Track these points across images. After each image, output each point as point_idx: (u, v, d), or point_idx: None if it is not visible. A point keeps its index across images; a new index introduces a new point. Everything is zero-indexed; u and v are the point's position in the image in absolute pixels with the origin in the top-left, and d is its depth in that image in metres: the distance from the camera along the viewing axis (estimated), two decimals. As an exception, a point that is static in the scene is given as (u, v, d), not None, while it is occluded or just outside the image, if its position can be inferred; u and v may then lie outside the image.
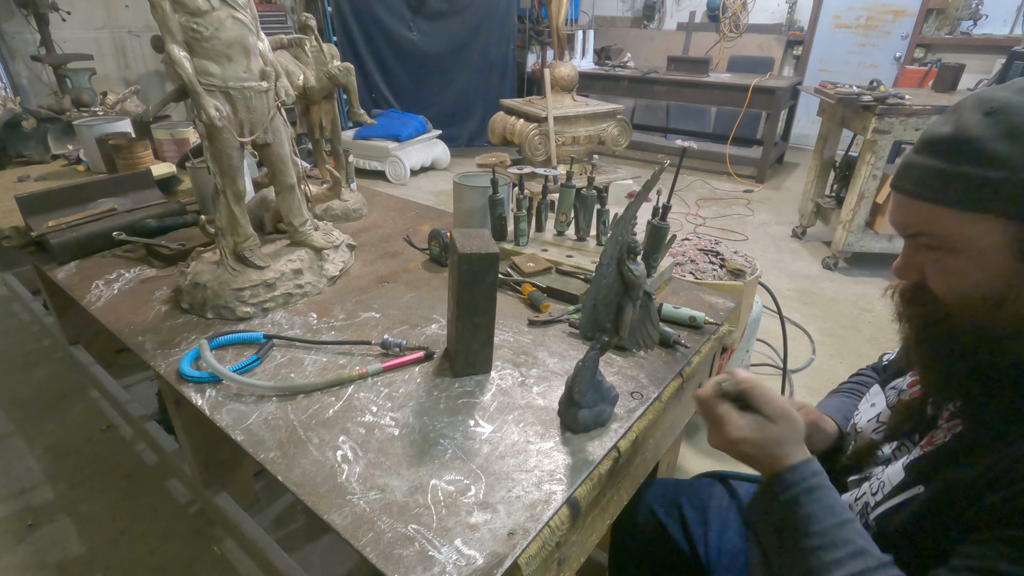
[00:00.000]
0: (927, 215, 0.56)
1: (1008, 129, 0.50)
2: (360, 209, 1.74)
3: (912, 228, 0.59)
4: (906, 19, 5.43)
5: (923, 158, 0.56)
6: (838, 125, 3.55)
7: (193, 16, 0.97)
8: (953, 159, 0.53)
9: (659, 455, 1.06)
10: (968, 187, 0.52)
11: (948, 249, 0.56)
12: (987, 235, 0.52)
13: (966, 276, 0.56)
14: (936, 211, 0.55)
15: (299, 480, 0.77)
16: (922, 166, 0.56)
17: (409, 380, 0.97)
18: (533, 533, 0.69)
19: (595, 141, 3.90)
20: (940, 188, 0.54)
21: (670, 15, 6.77)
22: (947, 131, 0.54)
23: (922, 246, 0.59)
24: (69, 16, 4.31)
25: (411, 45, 5.75)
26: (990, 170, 0.51)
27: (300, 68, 1.52)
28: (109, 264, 1.40)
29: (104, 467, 1.93)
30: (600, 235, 1.42)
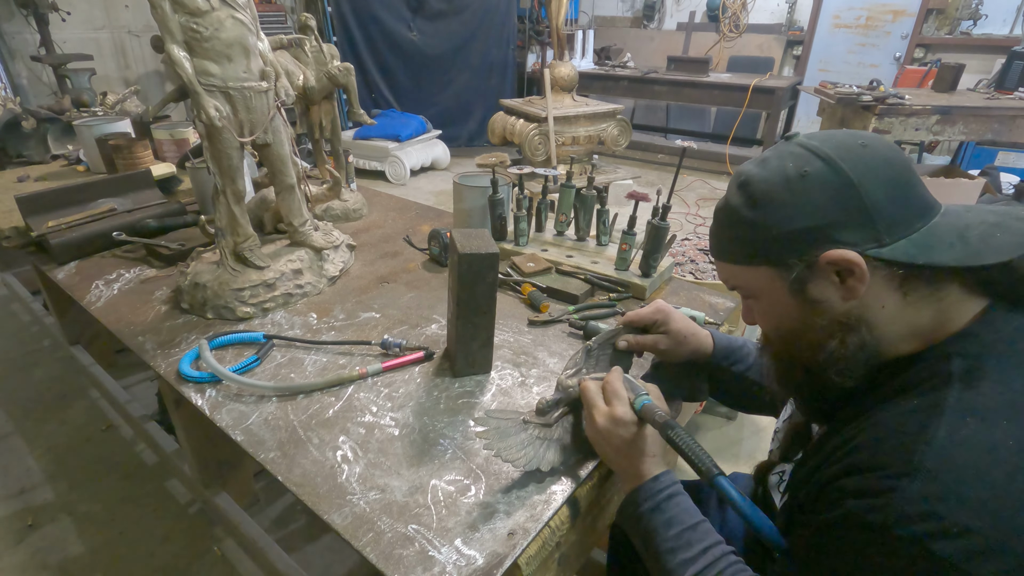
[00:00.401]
0: (730, 272, 0.67)
1: (750, 198, 0.61)
2: (360, 209, 1.74)
3: (729, 284, 0.69)
4: (906, 19, 5.43)
5: (713, 227, 0.68)
6: (838, 125, 3.55)
7: (193, 16, 0.97)
8: (726, 226, 0.65)
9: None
10: (739, 246, 0.63)
11: (753, 296, 0.66)
12: (766, 281, 0.62)
13: (772, 315, 0.66)
14: (731, 268, 0.66)
15: (299, 480, 0.77)
16: (713, 233, 0.68)
17: (409, 380, 0.97)
18: (533, 533, 0.69)
19: (595, 141, 3.90)
20: (726, 250, 0.66)
21: (670, 15, 6.77)
22: (720, 204, 0.66)
23: (742, 295, 0.69)
24: (69, 16, 4.30)
25: (411, 45, 5.74)
26: (746, 231, 0.61)
27: (300, 68, 1.52)
28: (109, 264, 1.40)
29: (104, 467, 1.93)
30: (600, 235, 1.42)
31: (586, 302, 1.22)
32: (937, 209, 0.58)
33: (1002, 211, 0.59)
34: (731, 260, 0.65)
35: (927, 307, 0.57)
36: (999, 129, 3.07)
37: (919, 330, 0.58)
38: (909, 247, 0.55)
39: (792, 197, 0.57)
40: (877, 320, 0.58)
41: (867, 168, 0.56)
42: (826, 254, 0.56)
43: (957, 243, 0.55)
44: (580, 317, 1.14)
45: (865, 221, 0.55)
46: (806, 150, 0.59)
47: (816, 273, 0.58)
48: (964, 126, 3.04)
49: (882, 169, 0.56)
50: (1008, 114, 3.01)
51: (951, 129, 3.06)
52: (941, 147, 4.35)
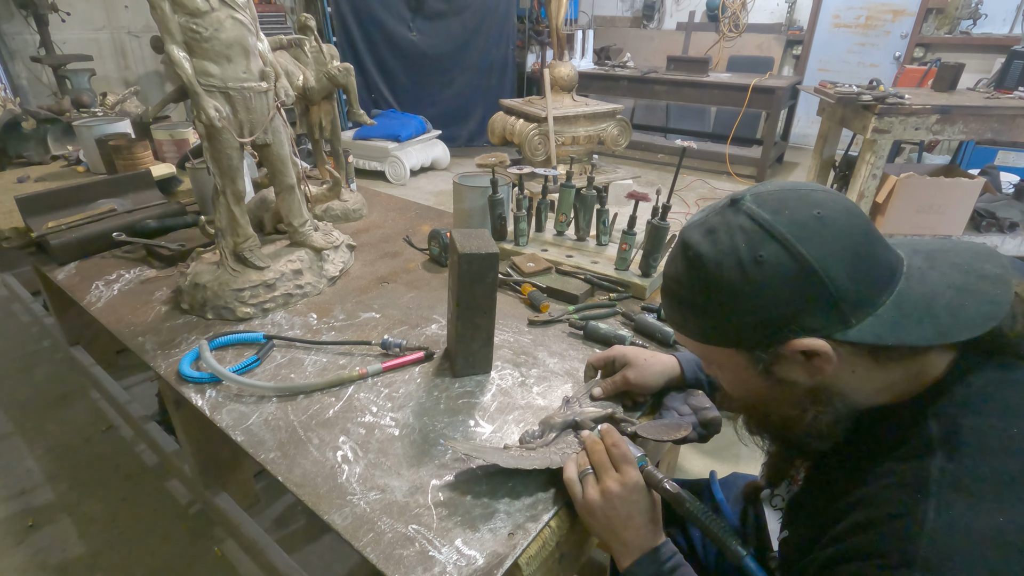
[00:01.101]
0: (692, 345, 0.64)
1: (702, 283, 0.56)
2: (360, 209, 1.74)
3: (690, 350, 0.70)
4: (906, 18, 5.43)
5: (665, 299, 0.64)
6: (838, 124, 3.55)
7: (193, 17, 0.97)
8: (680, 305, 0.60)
9: (659, 455, 1.06)
10: (696, 328, 0.60)
11: (719, 367, 0.64)
12: (732, 360, 0.60)
13: (738, 386, 0.64)
14: (692, 343, 0.63)
15: (299, 480, 0.77)
16: (667, 306, 0.64)
17: (409, 380, 0.97)
18: (533, 533, 0.69)
19: (595, 141, 3.90)
20: (681, 325, 0.62)
21: (670, 15, 6.77)
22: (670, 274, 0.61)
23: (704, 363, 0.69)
24: (69, 17, 4.30)
25: (411, 45, 5.74)
26: (702, 318, 0.58)
27: (300, 68, 1.52)
28: (109, 265, 1.40)
29: (104, 467, 1.93)
30: (600, 235, 1.42)
31: (586, 302, 1.22)
32: (900, 271, 0.55)
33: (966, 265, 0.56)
34: (689, 335, 0.62)
35: (898, 367, 0.55)
36: (999, 128, 3.07)
37: (892, 384, 0.56)
38: (877, 326, 0.52)
39: (750, 287, 0.53)
40: (848, 384, 0.57)
41: (826, 247, 0.52)
42: (791, 343, 0.54)
43: (926, 319, 0.52)
44: (580, 317, 1.14)
45: (829, 306, 0.52)
46: (758, 226, 0.53)
47: (782, 358, 0.56)
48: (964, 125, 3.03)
49: (841, 244, 0.52)
50: (1008, 113, 3.01)
51: (951, 128, 3.06)
52: (941, 146, 4.36)
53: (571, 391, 0.90)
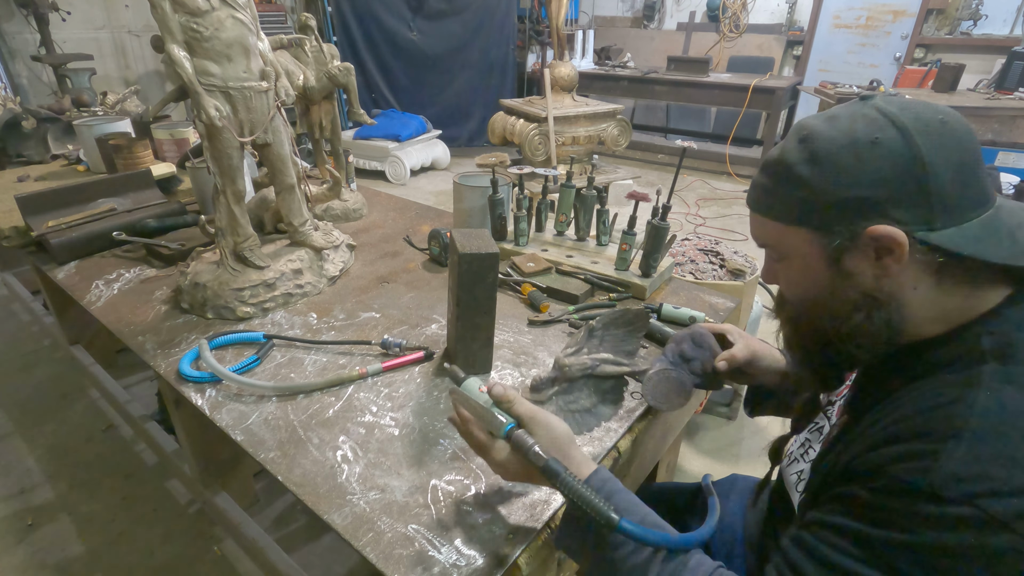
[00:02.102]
0: (765, 228, 0.64)
1: (811, 154, 0.57)
2: (360, 209, 1.74)
3: (759, 241, 0.68)
4: (906, 19, 5.43)
5: (759, 177, 0.64)
6: (838, 125, 3.55)
7: (193, 16, 0.97)
8: (775, 179, 0.61)
9: (659, 455, 1.06)
10: (785, 204, 0.60)
11: (785, 257, 0.64)
12: (804, 245, 0.60)
13: (801, 281, 0.64)
14: (769, 224, 0.63)
15: (299, 480, 0.77)
16: (758, 184, 0.64)
17: (409, 380, 0.97)
18: (533, 533, 0.69)
19: (595, 141, 3.90)
20: (768, 204, 0.62)
21: (670, 15, 6.77)
22: (775, 154, 0.62)
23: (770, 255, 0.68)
24: (69, 16, 4.30)
25: (411, 45, 5.74)
26: (797, 189, 0.58)
27: (300, 68, 1.52)
28: (109, 264, 1.40)
29: (104, 467, 1.93)
30: (600, 235, 1.42)
31: (586, 302, 1.22)
32: (992, 202, 0.56)
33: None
34: (771, 216, 0.62)
35: (958, 293, 0.56)
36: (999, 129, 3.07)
37: (946, 314, 0.57)
38: (957, 236, 0.53)
39: (856, 163, 0.54)
40: (906, 300, 0.57)
41: (941, 147, 0.53)
42: (873, 228, 0.54)
43: (1005, 241, 0.53)
44: (580, 317, 1.14)
45: (922, 201, 0.53)
46: (882, 115, 0.55)
47: (856, 245, 0.56)
48: (964, 126, 3.04)
49: (954, 151, 0.53)
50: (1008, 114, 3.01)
51: (951, 129, 3.05)
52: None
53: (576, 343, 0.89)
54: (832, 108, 0.60)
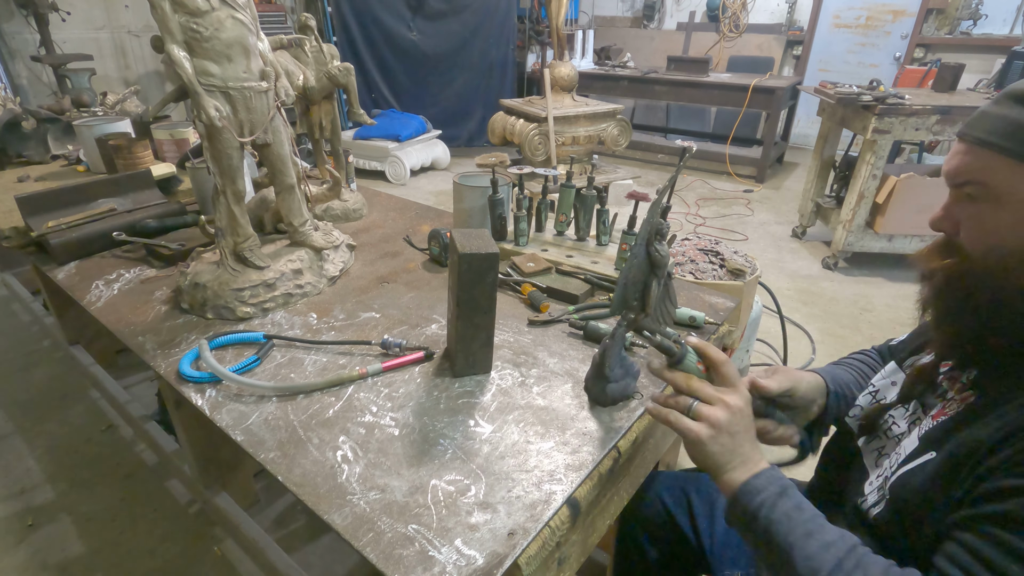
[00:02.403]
0: (986, 163, 0.58)
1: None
2: (360, 209, 1.74)
3: (963, 176, 0.60)
4: (906, 19, 5.43)
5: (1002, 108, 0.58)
6: (838, 125, 3.55)
7: (193, 16, 0.97)
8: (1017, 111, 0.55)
9: (659, 455, 1.06)
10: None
11: (992, 200, 0.58)
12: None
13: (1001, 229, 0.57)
14: (997, 160, 0.57)
15: (299, 480, 0.77)
16: (998, 115, 0.58)
17: (409, 380, 0.97)
18: (533, 533, 0.69)
19: (595, 141, 3.90)
20: (1009, 137, 0.56)
21: (670, 15, 6.77)
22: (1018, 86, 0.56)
23: (965, 196, 0.61)
24: (69, 16, 4.31)
25: (411, 45, 5.75)
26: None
27: (300, 68, 1.52)
28: (109, 264, 1.40)
29: (104, 467, 1.93)
30: (600, 235, 1.42)
31: (586, 302, 1.22)
32: None
33: None
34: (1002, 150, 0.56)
35: None
36: (999, 129, 3.08)
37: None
38: None
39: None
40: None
41: None
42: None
43: None
44: (580, 317, 1.14)
45: None
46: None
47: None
48: (964, 126, 3.04)
49: None
50: (1008, 114, 3.01)
51: (951, 129, 3.06)
52: (941, 147, 4.36)
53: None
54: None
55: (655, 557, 1.06)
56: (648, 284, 0.81)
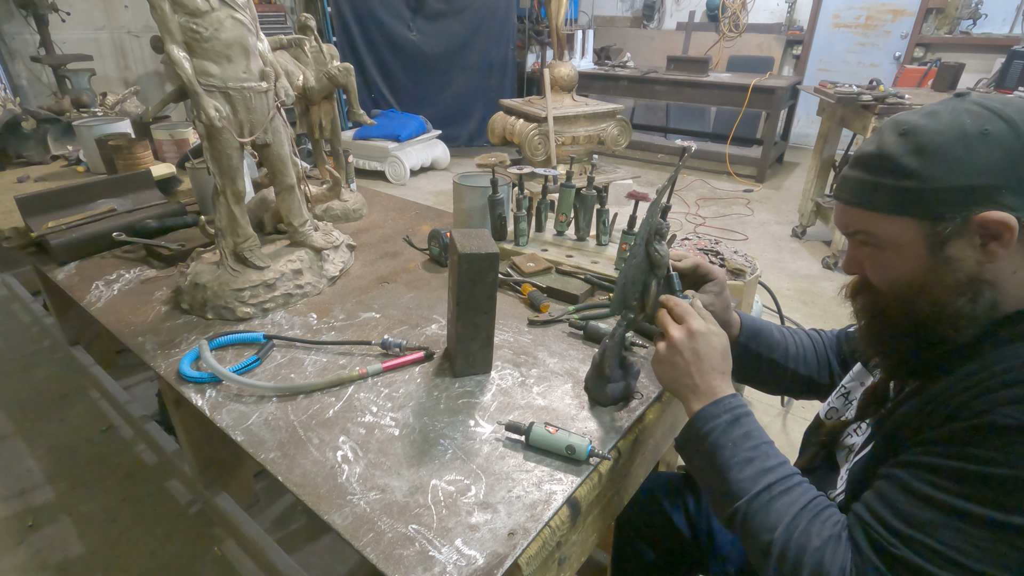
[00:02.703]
0: (860, 218, 0.66)
1: (916, 147, 0.60)
2: (360, 209, 1.74)
3: (850, 228, 0.69)
4: (906, 18, 5.44)
5: (854, 172, 0.66)
6: (838, 124, 3.55)
7: (193, 16, 0.97)
8: (876, 172, 0.63)
9: (659, 455, 1.06)
10: (888, 195, 0.62)
11: (878, 245, 0.66)
12: (905, 233, 0.62)
13: (894, 267, 0.66)
14: (866, 215, 0.65)
15: (299, 480, 0.77)
16: (854, 178, 0.66)
17: (409, 380, 0.97)
18: (533, 533, 0.69)
19: (595, 141, 3.90)
20: (868, 196, 0.64)
21: (670, 15, 6.77)
22: (871, 149, 0.64)
23: (860, 243, 0.69)
24: (69, 17, 4.30)
25: (411, 45, 5.75)
26: (904, 180, 0.61)
27: (300, 68, 1.52)
28: (109, 265, 1.40)
29: (104, 467, 1.93)
30: (600, 235, 1.42)
31: (586, 302, 1.22)
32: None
33: None
34: (869, 207, 0.64)
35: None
36: (999, 129, 3.08)
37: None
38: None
39: (967, 153, 0.57)
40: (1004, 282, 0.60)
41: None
42: (984, 215, 0.57)
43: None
44: (580, 317, 1.14)
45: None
46: (986, 110, 0.59)
47: (962, 232, 0.59)
48: (964, 126, 3.04)
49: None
50: (1008, 113, 3.01)
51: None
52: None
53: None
54: (925, 107, 0.64)
55: (654, 557, 1.07)
56: (648, 284, 0.82)
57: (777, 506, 0.65)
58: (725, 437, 0.70)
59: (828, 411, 0.87)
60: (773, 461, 0.68)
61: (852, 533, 0.61)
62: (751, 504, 0.66)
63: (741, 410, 0.72)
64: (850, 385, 0.86)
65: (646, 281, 0.82)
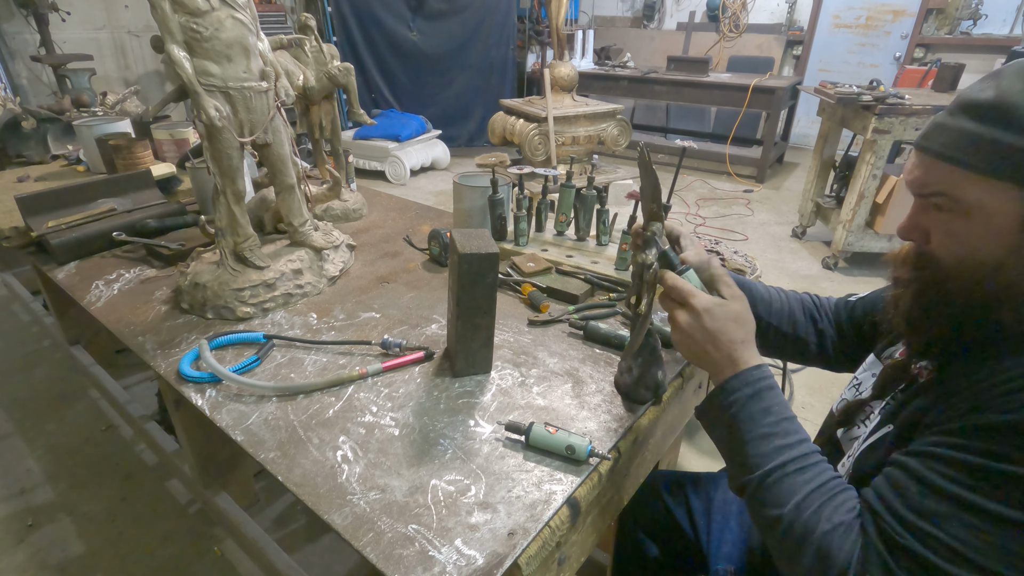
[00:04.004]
0: (948, 176, 0.58)
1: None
2: (360, 209, 1.74)
3: (929, 188, 0.60)
4: (906, 19, 5.43)
5: (958, 120, 0.57)
6: (838, 125, 3.55)
7: (193, 16, 0.97)
8: (989, 124, 0.54)
9: (659, 455, 1.06)
10: (998, 154, 0.54)
11: (960, 212, 0.58)
12: (1003, 203, 0.55)
13: (972, 240, 0.58)
14: (959, 174, 0.57)
15: (299, 480, 0.77)
16: (956, 128, 0.57)
17: (409, 380, 0.97)
18: (533, 533, 0.69)
19: (595, 141, 3.90)
20: (970, 151, 0.56)
21: (670, 15, 6.77)
22: (988, 96, 0.55)
23: (933, 207, 0.61)
24: (69, 16, 4.31)
25: (411, 45, 5.75)
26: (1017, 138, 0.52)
27: (300, 68, 1.52)
28: (109, 264, 1.40)
29: (104, 467, 1.93)
30: (600, 235, 1.42)
31: (586, 302, 1.22)
32: None
33: None
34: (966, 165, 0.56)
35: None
36: (999, 129, 3.08)
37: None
38: None
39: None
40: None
41: None
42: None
43: None
44: (580, 317, 1.14)
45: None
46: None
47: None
48: (964, 126, 3.04)
49: None
50: (1008, 114, 3.01)
51: (951, 129, 3.05)
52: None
53: None
54: None
55: (655, 557, 1.07)
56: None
57: (789, 483, 0.62)
58: (745, 411, 0.68)
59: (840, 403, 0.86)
60: (792, 438, 0.65)
61: (862, 520, 0.59)
62: (764, 479, 0.64)
63: (764, 383, 0.69)
64: (862, 376, 0.83)
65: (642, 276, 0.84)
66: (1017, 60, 0.57)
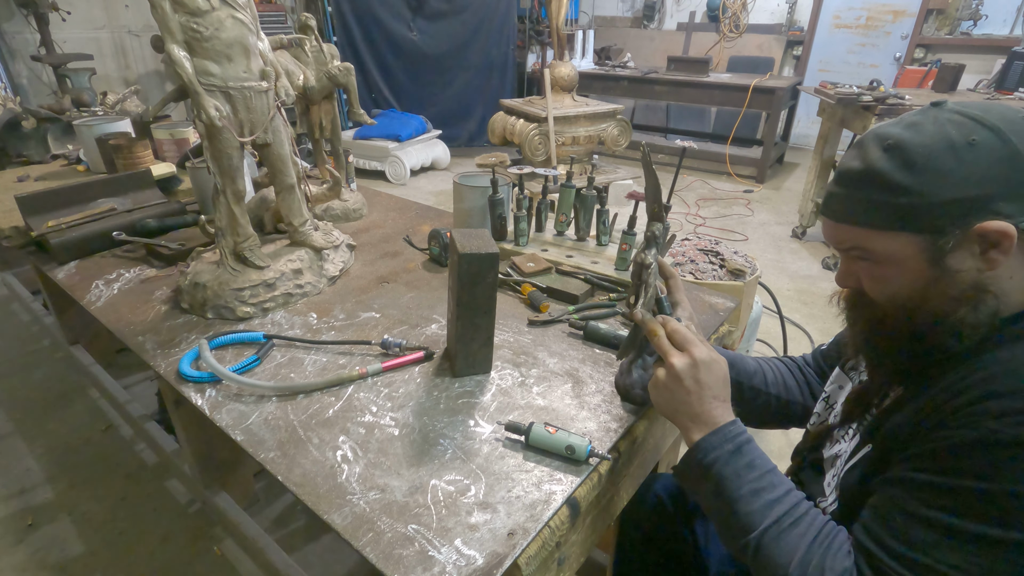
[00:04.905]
0: (853, 235, 0.65)
1: (905, 162, 0.59)
2: (360, 209, 1.74)
3: (844, 244, 0.68)
4: (906, 19, 5.43)
5: (841, 189, 0.65)
6: (838, 125, 3.55)
7: (193, 16, 0.97)
8: (866, 189, 0.62)
9: (659, 455, 1.06)
10: (882, 211, 0.61)
11: (875, 260, 0.65)
12: (904, 248, 0.62)
13: (894, 281, 0.65)
14: (860, 231, 0.64)
15: (299, 480, 0.77)
16: (842, 196, 0.65)
17: (409, 380, 0.97)
18: (533, 533, 0.69)
19: (595, 141, 3.90)
20: (860, 213, 0.63)
21: (670, 15, 6.77)
22: (856, 166, 0.63)
23: (855, 258, 0.68)
24: (69, 16, 4.31)
25: (411, 45, 5.75)
26: (898, 197, 0.59)
27: (300, 68, 1.52)
28: (109, 264, 1.40)
29: (104, 467, 1.93)
30: (600, 235, 1.42)
31: (586, 302, 1.22)
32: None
33: None
34: (863, 224, 0.63)
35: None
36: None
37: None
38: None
39: (958, 165, 0.56)
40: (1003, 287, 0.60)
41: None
42: (982, 225, 0.57)
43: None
44: (580, 317, 1.14)
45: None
46: (968, 119, 0.58)
47: (961, 243, 0.59)
48: (964, 126, 3.04)
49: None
50: (1008, 114, 3.01)
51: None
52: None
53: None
54: (902, 117, 0.63)
55: (654, 557, 1.07)
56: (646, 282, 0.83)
57: (788, 539, 0.64)
58: (729, 468, 0.69)
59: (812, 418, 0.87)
60: (780, 491, 0.67)
61: (856, 561, 0.61)
62: (762, 538, 0.65)
63: (742, 438, 0.71)
64: (830, 389, 0.85)
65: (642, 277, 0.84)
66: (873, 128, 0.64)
